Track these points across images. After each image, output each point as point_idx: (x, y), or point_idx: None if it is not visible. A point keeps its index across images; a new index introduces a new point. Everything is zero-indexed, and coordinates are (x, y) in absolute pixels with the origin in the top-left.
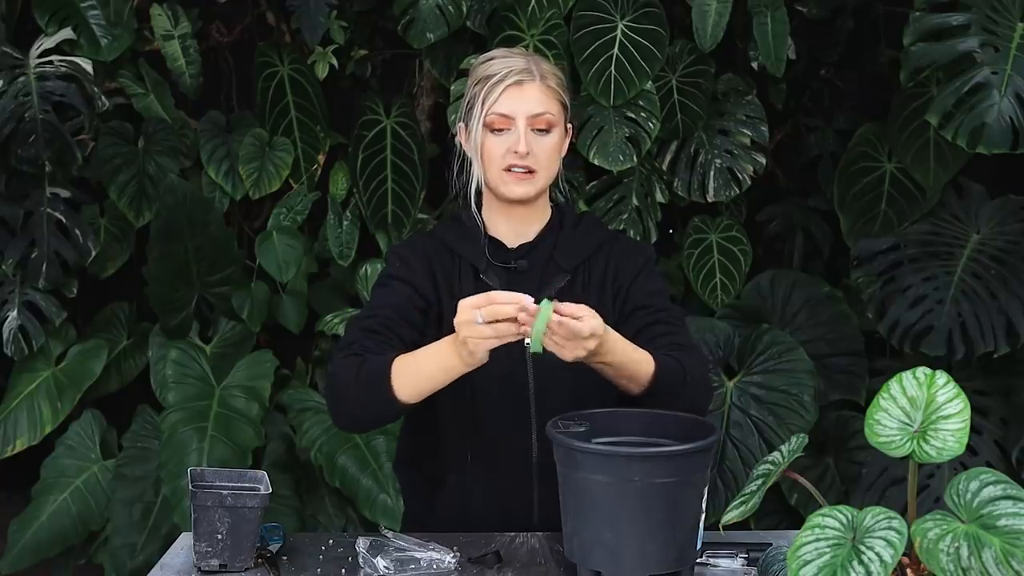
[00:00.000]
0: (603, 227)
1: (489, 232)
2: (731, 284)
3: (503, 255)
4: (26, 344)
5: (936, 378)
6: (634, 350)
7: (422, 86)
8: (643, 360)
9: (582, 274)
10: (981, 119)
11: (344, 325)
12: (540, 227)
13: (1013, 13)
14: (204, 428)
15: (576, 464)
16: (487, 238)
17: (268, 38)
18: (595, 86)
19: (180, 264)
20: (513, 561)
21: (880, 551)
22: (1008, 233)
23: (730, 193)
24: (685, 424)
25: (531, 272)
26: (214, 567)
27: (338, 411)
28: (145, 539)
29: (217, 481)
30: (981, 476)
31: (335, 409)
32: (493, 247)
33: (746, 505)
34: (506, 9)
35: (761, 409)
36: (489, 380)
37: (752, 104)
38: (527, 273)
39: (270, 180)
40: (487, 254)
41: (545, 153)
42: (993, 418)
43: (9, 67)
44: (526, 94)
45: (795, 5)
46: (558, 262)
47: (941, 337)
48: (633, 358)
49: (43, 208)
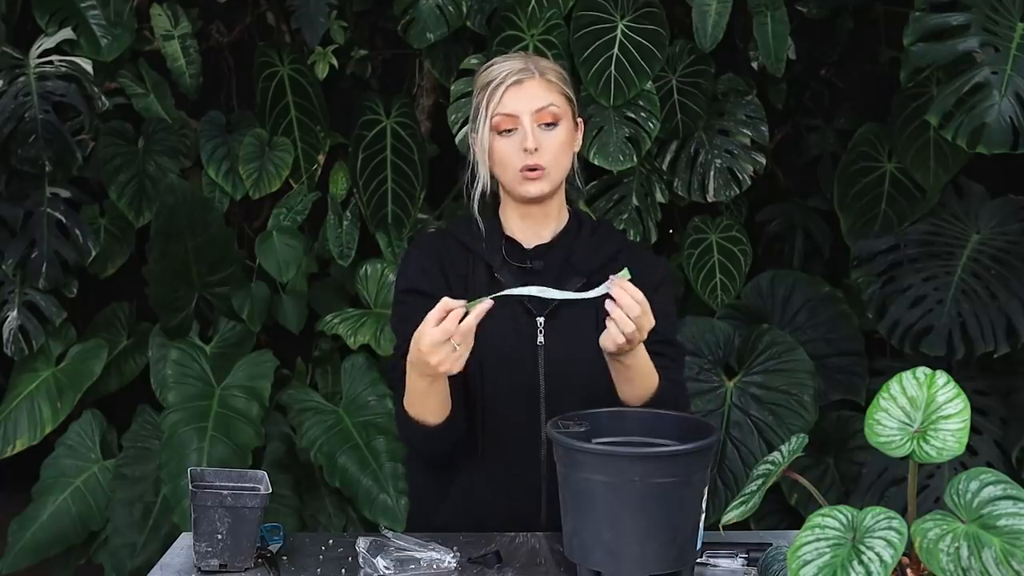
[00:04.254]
0: (621, 236)
1: (505, 232)
2: (731, 284)
3: (518, 255)
4: (26, 344)
5: (936, 378)
6: (649, 360)
7: (422, 86)
8: (654, 374)
9: (596, 280)
10: (981, 119)
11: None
12: (557, 229)
13: (1013, 13)
14: (204, 428)
15: (576, 464)
16: (504, 238)
17: (268, 38)
18: (595, 86)
19: (180, 264)
20: (513, 561)
21: (880, 551)
22: (1008, 233)
23: (730, 193)
24: (685, 424)
25: (546, 273)
26: (214, 567)
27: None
28: (145, 539)
29: (217, 481)
30: (981, 476)
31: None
32: (509, 247)
33: (746, 505)
34: (506, 9)
35: (761, 409)
36: (501, 381)
37: (752, 104)
38: (542, 274)
39: (270, 180)
40: (503, 253)
41: (554, 148)
42: (993, 418)
43: (9, 67)
44: (527, 91)
45: (795, 5)
46: (574, 265)
47: (941, 337)
48: (651, 367)
49: (43, 208)
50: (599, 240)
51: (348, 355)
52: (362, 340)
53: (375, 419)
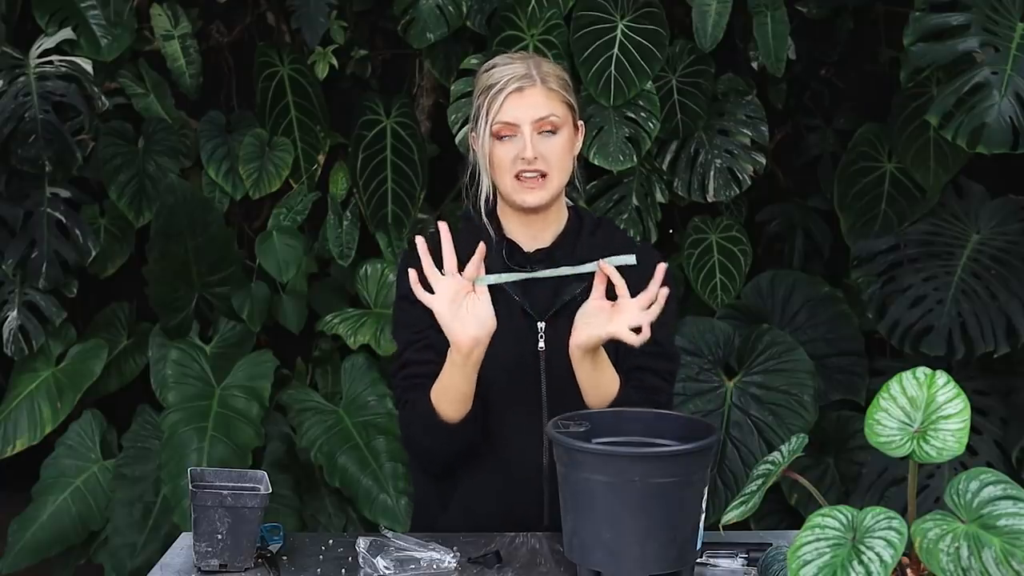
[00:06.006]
0: (622, 235)
1: (506, 235)
2: (731, 284)
3: (519, 258)
4: (26, 344)
5: (936, 378)
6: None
7: (422, 86)
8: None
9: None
10: (981, 119)
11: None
12: (557, 230)
13: (1013, 13)
14: (204, 428)
15: (576, 464)
16: (504, 241)
17: (268, 38)
18: (595, 86)
19: (180, 264)
20: (513, 561)
21: (880, 551)
22: (1008, 233)
23: (730, 193)
24: (685, 424)
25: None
26: (214, 567)
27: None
28: (145, 539)
29: (217, 481)
30: (981, 476)
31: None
32: (510, 250)
33: (746, 505)
34: (506, 9)
35: (761, 409)
36: (502, 385)
37: (752, 104)
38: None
39: (270, 180)
40: (504, 257)
41: (555, 155)
42: (993, 418)
43: (9, 67)
44: (528, 100)
45: (795, 5)
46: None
47: (941, 337)
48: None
49: (43, 208)
50: (599, 241)
51: (348, 355)
52: (362, 340)
53: (375, 419)
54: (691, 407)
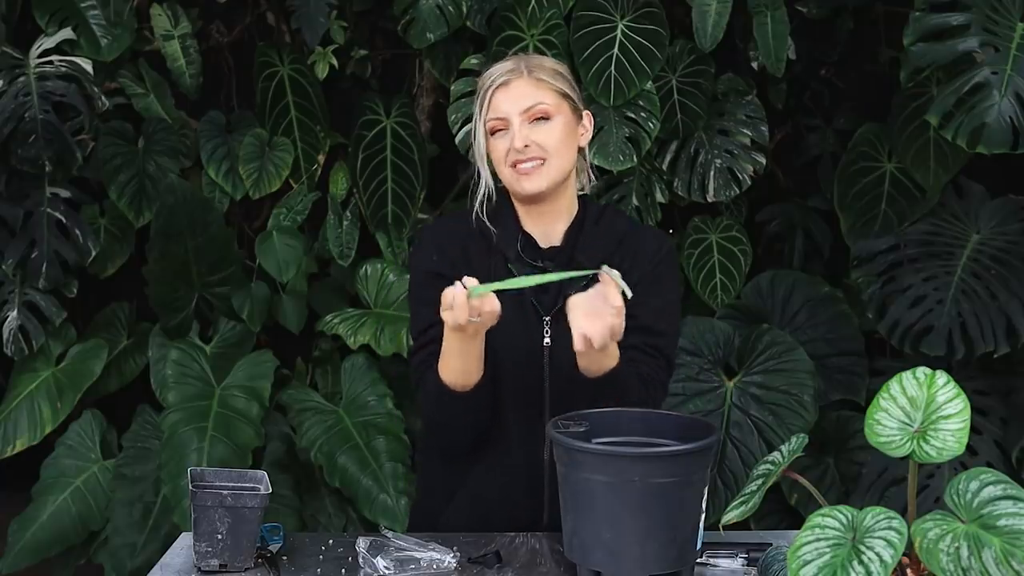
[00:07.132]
0: (624, 220)
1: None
2: (731, 284)
3: (532, 252)
4: (26, 344)
5: (936, 378)
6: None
7: (422, 86)
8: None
9: None
10: (981, 119)
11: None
12: (567, 226)
13: (1013, 13)
14: (204, 428)
15: (576, 464)
16: (521, 231)
17: (268, 38)
18: (595, 86)
19: (180, 264)
20: (513, 561)
21: (880, 551)
22: (1008, 233)
23: (730, 193)
24: (685, 424)
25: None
26: (214, 567)
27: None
28: (145, 539)
29: (217, 481)
30: (981, 476)
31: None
32: (525, 241)
33: (746, 505)
34: (506, 9)
35: (761, 409)
36: (506, 380)
37: (752, 104)
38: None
39: (270, 180)
40: (519, 248)
41: (549, 141)
42: (993, 418)
43: (9, 67)
44: (514, 92)
45: (795, 5)
46: (581, 265)
47: (941, 337)
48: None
49: (43, 208)
50: (602, 231)
51: (348, 355)
52: (362, 340)
53: (375, 419)
54: (691, 407)
